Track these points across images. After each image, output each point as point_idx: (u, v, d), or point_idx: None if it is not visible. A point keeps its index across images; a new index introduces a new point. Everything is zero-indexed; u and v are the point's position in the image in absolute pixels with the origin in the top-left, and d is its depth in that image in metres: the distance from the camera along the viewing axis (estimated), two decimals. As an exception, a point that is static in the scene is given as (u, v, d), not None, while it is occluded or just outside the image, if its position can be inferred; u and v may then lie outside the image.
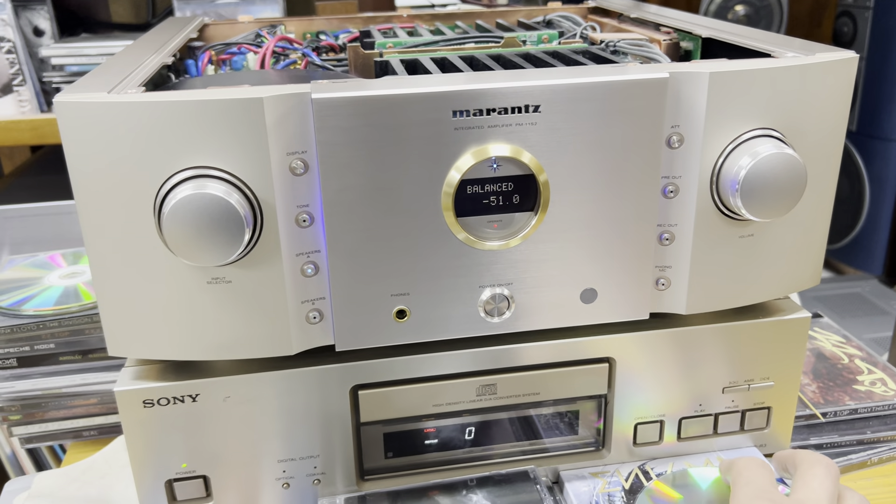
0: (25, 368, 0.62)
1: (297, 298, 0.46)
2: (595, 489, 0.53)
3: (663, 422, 0.56)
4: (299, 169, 0.44)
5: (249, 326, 0.46)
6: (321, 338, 0.48)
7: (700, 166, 0.47)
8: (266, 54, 0.64)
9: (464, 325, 0.49)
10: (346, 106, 0.42)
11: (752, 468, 0.46)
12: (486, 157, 0.45)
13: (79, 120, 0.42)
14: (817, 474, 0.44)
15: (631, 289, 0.50)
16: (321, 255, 0.46)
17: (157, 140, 0.42)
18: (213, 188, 0.41)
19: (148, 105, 0.41)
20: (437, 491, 0.53)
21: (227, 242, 0.42)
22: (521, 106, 0.44)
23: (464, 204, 0.46)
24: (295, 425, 0.51)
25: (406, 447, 0.54)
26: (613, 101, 0.45)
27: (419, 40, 0.65)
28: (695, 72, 0.45)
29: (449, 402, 0.52)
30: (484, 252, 0.47)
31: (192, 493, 0.51)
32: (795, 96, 0.47)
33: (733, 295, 0.51)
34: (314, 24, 0.79)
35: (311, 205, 0.45)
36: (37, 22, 1.07)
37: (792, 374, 0.56)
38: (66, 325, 0.61)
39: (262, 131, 0.42)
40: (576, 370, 0.53)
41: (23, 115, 1.00)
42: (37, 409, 0.63)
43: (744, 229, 0.49)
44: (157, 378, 0.49)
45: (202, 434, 0.50)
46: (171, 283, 0.45)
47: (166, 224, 0.41)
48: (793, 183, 0.47)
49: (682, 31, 0.63)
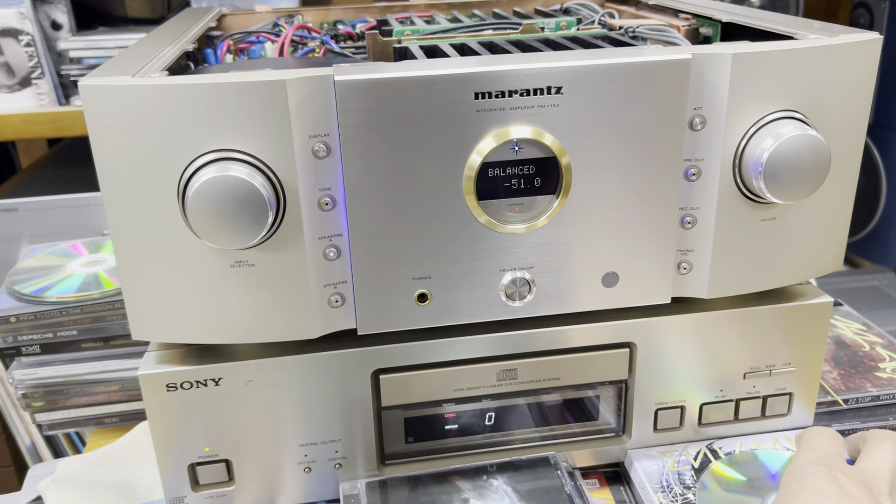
0: (48, 355, 0.63)
1: (320, 282, 0.46)
2: (664, 468, 0.54)
3: (684, 407, 0.56)
4: (322, 152, 0.44)
5: (272, 310, 0.46)
6: (343, 321, 0.48)
7: (723, 148, 0.47)
8: (285, 42, 0.64)
9: (485, 309, 0.49)
10: (369, 88, 0.43)
11: (819, 436, 0.46)
12: (507, 139, 0.45)
13: (104, 103, 0.42)
14: (884, 447, 0.44)
15: (653, 273, 0.50)
16: (343, 238, 0.46)
17: (181, 123, 0.42)
18: (236, 171, 0.42)
19: (172, 88, 0.41)
20: (458, 476, 0.53)
21: (250, 225, 0.42)
22: (543, 87, 0.44)
23: (485, 187, 0.46)
24: (316, 409, 0.51)
25: (426, 432, 0.54)
26: (636, 83, 0.45)
27: (437, 27, 0.65)
28: (718, 53, 0.45)
29: (469, 387, 0.52)
30: (505, 235, 0.47)
31: (215, 476, 0.52)
32: (819, 78, 0.47)
33: (755, 279, 0.51)
34: (331, 13, 0.79)
35: (333, 188, 0.45)
36: (54, 16, 1.07)
37: (814, 360, 0.56)
38: (89, 311, 0.61)
39: (285, 114, 0.42)
40: (596, 355, 0.53)
41: (41, 107, 1.01)
42: (59, 395, 0.64)
43: (766, 213, 0.49)
44: (180, 362, 0.49)
45: (224, 418, 0.50)
46: (195, 267, 0.45)
47: (190, 207, 0.42)
48: (816, 165, 0.46)
49: (702, 16, 0.62)
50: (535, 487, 0.52)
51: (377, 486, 0.52)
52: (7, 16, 0.96)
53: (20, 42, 0.98)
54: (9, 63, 0.99)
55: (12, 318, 0.60)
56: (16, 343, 0.61)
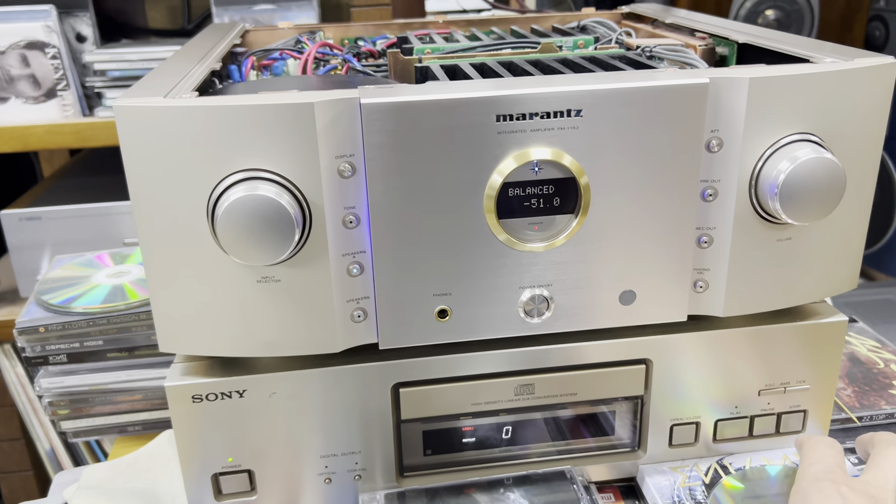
0: (74, 364, 0.64)
1: (343, 297, 0.48)
2: (675, 483, 0.54)
3: (699, 423, 0.56)
4: (347, 172, 0.45)
5: (297, 324, 0.47)
6: (365, 336, 0.49)
7: (739, 170, 0.47)
8: (308, 60, 0.65)
9: (504, 325, 0.50)
10: (394, 111, 0.44)
11: (819, 448, 0.46)
12: (527, 160, 0.46)
13: (137, 123, 0.43)
14: (889, 455, 0.44)
15: (669, 291, 0.50)
16: (366, 255, 0.47)
17: (212, 143, 0.43)
18: (264, 190, 0.43)
19: (203, 109, 0.43)
20: (475, 489, 0.54)
21: (278, 242, 0.43)
22: (563, 110, 0.45)
23: (505, 206, 0.47)
24: (337, 421, 0.52)
25: (444, 445, 0.55)
26: (654, 106, 0.45)
27: (457, 46, 0.66)
28: (735, 77, 0.46)
29: (487, 401, 0.53)
30: (525, 253, 0.48)
31: (237, 486, 0.53)
32: (834, 101, 0.48)
33: (771, 298, 0.52)
34: (351, 29, 0.80)
35: (357, 206, 0.46)
36: (79, 28, 1.09)
37: (828, 378, 0.57)
38: (115, 322, 0.63)
39: (312, 135, 0.43)
40: (613, 371, 0.54)
41: (66, 119, 1.03)
42: (84, 404, 0.65)
43: (782, 233, 0.50)
44: (205, 374, 0.50)
45: (248, 429, 0.51)
46: (223, 282, 0.46)
47: (220, 224, 0.43)
48: (832, 187, 0.47)
49: (718, 36, 0.63)
50: (552, 501, 0.53)
51: (396, 497, 0.53)
52: (34, 29, 0.98)
53: (46, 54, 1.00)
54: (35, 75, 1.01)
55: (41, 328, 0.61)
56: (44, 352, 0.62)
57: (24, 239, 1.07)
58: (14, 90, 1.01)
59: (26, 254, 1.08)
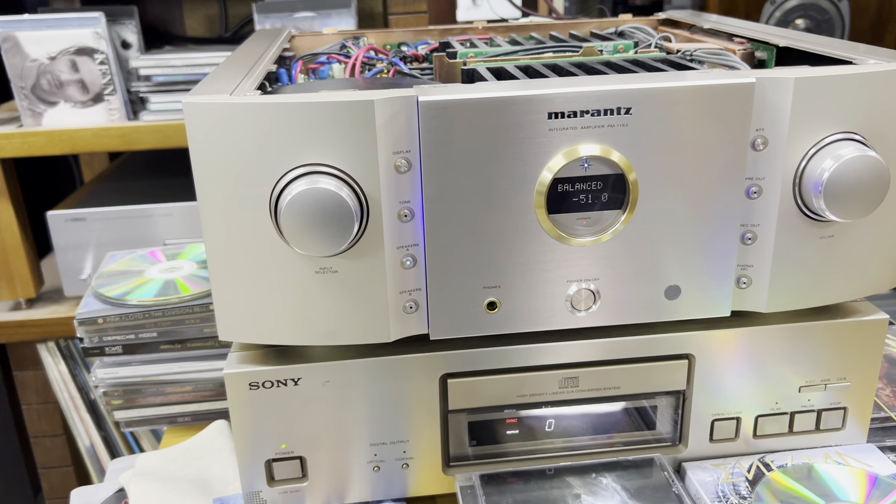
0: (127, 356, 0.67)
1: (396, 289, 0.49)
2: (719, 479, 0.55)
3: (740, 419, 0.57)
4: (403, 167, 0.47)
5: (352, 314, 0.49)
6: (416, 327, 0.51)
7: (783, 168, 0.49)
8: (357, 63, 0.67)
9: (551, 318, 0.52)
10: (450, 108, 0.45)
11: None
12: (577, 157, 0.47)
13: (204, 120, 0.45)
14: None
15: (713, 286, 0.52)
16: (419, 248, 0.49)
17: (275, 139, 0.45)
18: (325, 183, 0.45)
19: (268, 106, 0.45)
20: (567, 473, 0.55)
21: (337, 234, 0.45)
22: (614, 108, 0.46)
23: (555, 202, 0.48)
24: (387, 410, 0.54)
25: (489, 436, 0.57)
26: (702, 105, 0.47)
27: (499, 50, 0.68)
28: (780, 77, 0.47)
29: (532, 393, 0.55)
30: (573, 248, 0.50)
31: (290, 473, 0.55)
32: (878, 101, 0.49)
33: (813, 294, 0.53)
34: (392, 35, 0.83)
35: (412, 201, 0.48)
36: (125, 35, 1.13)
37: (868, 376, 0.57)
38: (169, 315, 0.65)
39: (371, 131, 0.45)
40: (656, 366, 0.55)
41: (112, 122, 1.06)
42: (137, 394, 0.68)
43: (825, 230, 0.51)
44: (261, 362, 0.52)
45: (301, 417, 0.53)
46: (282, 273, 0.48)
47: (283, 216, 0.45)
48: (875, 185, 0.48)
49: (756, 40, 0.64)
50: (644, 486, 0.54)
51: (491, 479, 0.55)
52: (84, 35, 1.02)
53: (95, 60, 1.03)
54: (83, 80, 1.04)
55: (100, 320, 0.64)
56: (101, 343, 0.65)
57: (69, 239, 1.11)
58: (63, 95, 1.04)
59: (71, 254, 1.12)
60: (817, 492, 0.54)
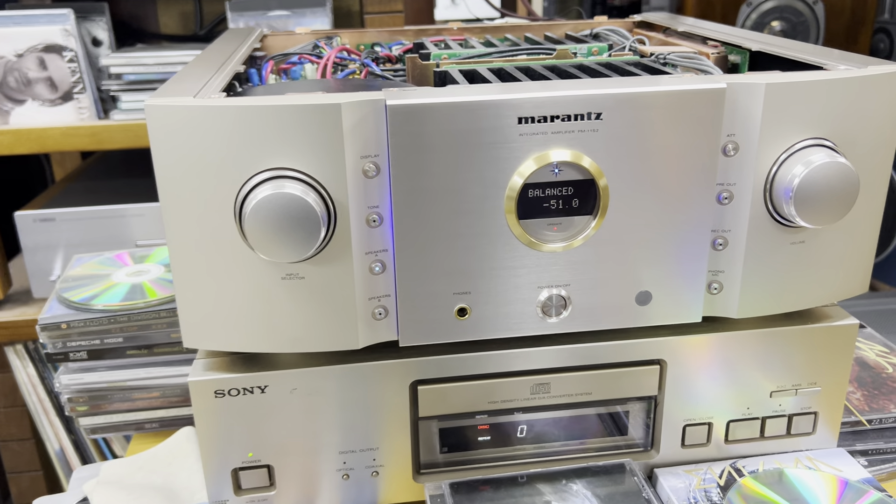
0: (93, 361, 0.65)
1: (365, 295, 0.49)
2: (691, 485, 0.55)
3: (711, 424, 0.57)
4: (371, 171, 0.46)
5: (319, 321, 0.48)
6: (385, 333, 0.50)
7: (754, 174, 0.48)
8: (328, 64, 0.66)
9: (522, 324, 0.51)
10: (419, 112, 0.45)
11: None
12: (547, 162, 0.47)
13: (167, 122, 0.44)
14: None
15: (684, 292, 0.51)
16: (388, 253, 0.48)
17: (240, 142, 0.44)
18: (291, 188, 0.44)
19: (232, 109, 0.44)
20: (538, 480, 0.54)
21: (303, 239, 0.44)
22: (584, 113, 0.46)
23: (526, 207, 0.48)
24: (356, 418, 0.53)
25: (460, 443, 0.56)
26: (673, 110, 0.47)
27: (473, 52, 0.67)
28: (751, 83, 0.47)
29: (504, 400, 0.54)
30: (544, 254, 0.49)
31: (257, 481, 0.54)
32: (848, 107, 0.49)
33: (784, 300, 0.53)
34: (366, 35, 0.82)
35: (381, 206, 0.47)
36: (95, 32, 1.11)
37: (839, 381, 0.57)
38: (135, 320, 0.64)
39: (338, 135, 0.44)
40: (628, 371, 0.54)
41: (82, 121, 1.04)
42: (103, 400, 0.66)
43: (795, 236, 0.51)
44: (227, 370, 0.51)
45: (268, 425, 0.52)
46: (248, 279, 0.47)
47: (248, 221, 0.44)
48: (845, 191, 0.48)
49: (731, 44, 0.64)
50: (615, 492, 0.53)
51: (461, 486, 0.54)
52: (52, 32, 1.00)
53: (63, 58, 1.01)
54: (52, 78, 1.02)
55: (63, 325, 0.62)
56: (65, 349, 0.63)
57: (38, 240, 1.08)
58: (31, 93, 1.02)
59: (40, 255, 1.09)
60: (788, 497, 0.54)
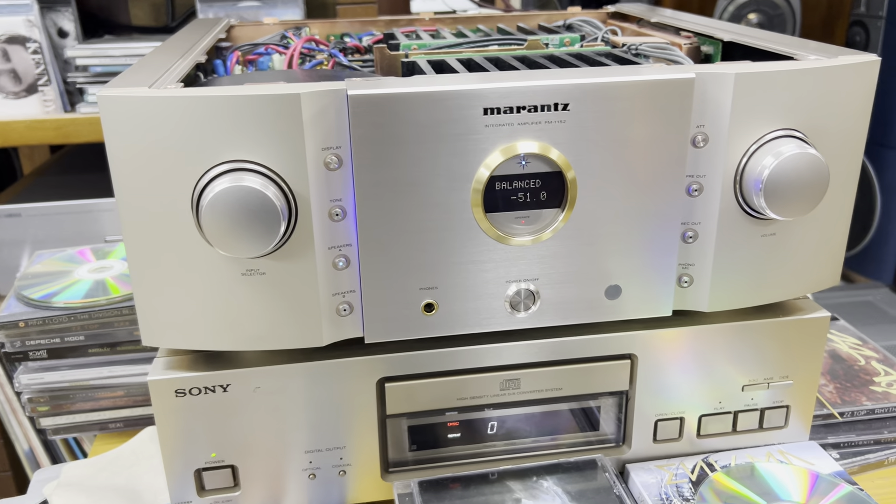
0: (55, 360, 0.63)
1: (329, 291, 0.47)
2: (663, 481, 0.54)
3: (683, 418, 0.56)
4: (333, 164, 0.45)
5: (282, 318, 0.47)
6: (350, 330, 0.49)
7: (724, 165, 0.48)
8: (294, 54, 0.65)
9: (490, 319, 0.50)
10: (381, 103, 0.44)
11: None
12: (514, 154, 0.46)
13: (121, 113, 0.43)
14: None
15: (654, 286, 0.51)
16: (352, 248, 0.47)
17: (197, 134, 0.43)
18: (250, 181, 0.43)
19: (188, 100, 0.42)
20: (509, 476, 0.54)
21: (263, 234, 0.43)
22: (551, 104, 0.45)
23: (492, 200, 0.47)
24: (322, 416, 0.52)
25: (430, 440, 0.55)
26: (641, 101, 0.46)
27: (443, 42, 0.66)
28: (721, 73, 0.46)
29: (473, 396, 0.53)
30: (511, 247, 0.48)
31: (220, 482, 0.52)
32: (818, 98, 0.48)
33: (755, 293, 0.52)
34: (337, 26, 0.80)
35: (343, 199, 0.46)
36: (61, 23, 1.08)
37: (811, 374, 0.57)
38: (96, 317, 0.62)
39: (298, 126, 0.43)
40: (598, 366, 0.54)
41: (47, 114, 1.02)
42: (65, 400, 0.64)
43: (766, 228, 0.50)
44: (188, 368, 0.50)
45: (231, 424, 0.51)
46: (207, 275, 0.46)
47: (205, 215, 0.42)
48: (815, 182, 0.47)
49: (703, 35, 0.64)
50: (586, 488, 0.52)
51: (430, 485, 0.53)
52: (15, 23, 0.97)
53: (27, 49, 0.99)
54: (16, 70, 1.00)
55: (21, 324, 0.61)
56: (23, 348, 0.61)
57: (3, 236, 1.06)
58: (-6, 85, 1.00)
59: (6, 251, 1.07)
60: (759, 492, 0.53)
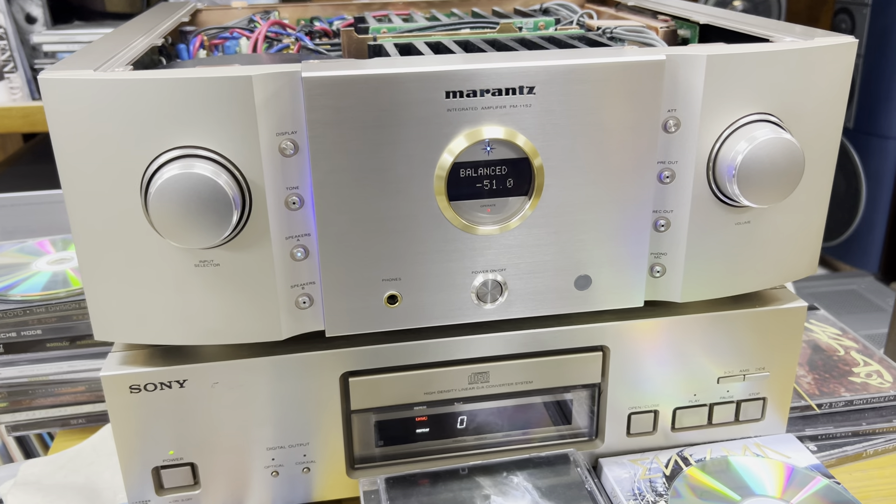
0: (12, 355, 0.61)
1: (287, 283, 0.46)
2: (636, 475, 0.53)
3: (657, 411, 0.55)
4: (289, 150, 0.43)
5: (238, 311, 0.45)
6: (311, 323, 0.47)
7: (697, 151, 0.46)
8: (259, 38, 0.63)
9: (456, 311, 0.48)
10: (337, 85, 0.42)
11: None
12: (479, 139, 0.44)
13: (64, 98, 0.41)
14: None
15: (626, 276, 0.49)
16: (311, 238, 0.45)
17: (144, 119, 0.41)
18: (200, 168, 0.41)
19: (134, 82, 0.40)
20: (479, 472, 0.52)
21: (214, 224, 0.41)
22: (516, 87, 0.43)
23: (457, 187, 0.45)
24: (284, 412, 0.50)
25: (398, 436, 0.54)
26: (609, 84, 0.44)
27: (414, 25, 0.64)
28: (692, 55, 0.44)
29: (441, 390, 0.52)
30: (477, 237, 0.47)
31: (180, 480, 0.51)
32: (793, 81, 0.47)
33: (729, 283, 0.51)
34: (309, 10, 0.78)
35: (300, 187, 0.44)
36: (29, 9, 1.06)
37: (788, 365, 0.56)
38: (54, 310, 0.60)
39: (250, 111, 0.41)
40: (569, 358, 0.52)
41: (14, 102, 0.99)
42: (24, 396, 0.62)
43: (740, 216, 0.49)
44: (144, 363, 0.48)
45: (190, 421, 0.49)
46: (159, 266, 0.44)
47: (153, 204, 0.41)
48: (790, 168, 0.46)
49: (680, 18, 0.62)
50: (557, 484, 0.51)
51: (397, 481, 0.51)
52: (-21, 8, 0.95)
53: (-8, 35, 0.96)
54: (-20, 56, 0.97)
55: (-26, 317, 0.58)
56: (-22, 342, 0.59)
57: (-29, 227, 1.03)
58: (-42, 72, 0.97)
59: (-27, 242, 1.04)
60: (734, 486, 0.52)
